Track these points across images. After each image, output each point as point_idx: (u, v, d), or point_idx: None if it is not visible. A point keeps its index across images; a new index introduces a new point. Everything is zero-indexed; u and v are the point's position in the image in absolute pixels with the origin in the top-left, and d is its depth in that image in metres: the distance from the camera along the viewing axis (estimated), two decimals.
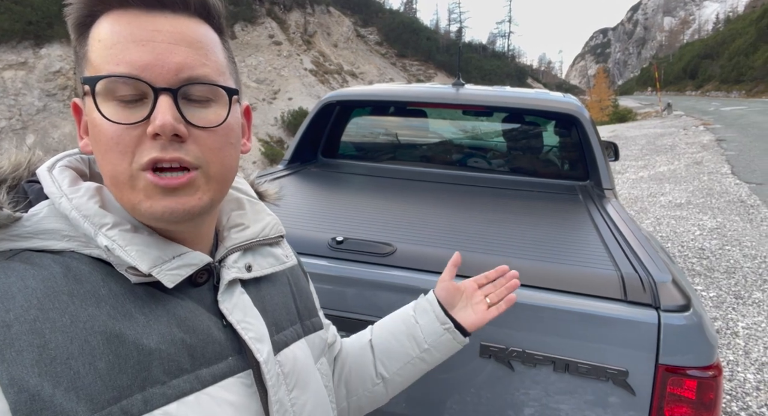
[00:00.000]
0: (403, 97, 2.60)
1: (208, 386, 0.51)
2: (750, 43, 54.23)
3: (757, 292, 4.13)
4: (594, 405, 1.15)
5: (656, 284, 1.16)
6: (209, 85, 0.52)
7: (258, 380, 0.56)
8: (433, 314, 0.87)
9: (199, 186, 0.52)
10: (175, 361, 0.49)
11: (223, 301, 0.56)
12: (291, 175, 2.28)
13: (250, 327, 0.57)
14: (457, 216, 1.75)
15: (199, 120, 0.52)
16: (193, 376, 0.50)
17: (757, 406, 2.71)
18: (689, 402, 1.11)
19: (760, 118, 19.49)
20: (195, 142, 0.51)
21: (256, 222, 0.66)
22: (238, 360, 0.55)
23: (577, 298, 1.16)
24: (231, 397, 0.53)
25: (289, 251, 0.71)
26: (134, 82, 0.49)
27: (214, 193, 0.54)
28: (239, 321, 0.56)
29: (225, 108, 0.54)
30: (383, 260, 1.30)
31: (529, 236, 1.54)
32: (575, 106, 2.37)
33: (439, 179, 2.38)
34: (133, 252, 0.50)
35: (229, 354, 0.55)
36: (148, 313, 0.50)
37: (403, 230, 1.51)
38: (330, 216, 1.67)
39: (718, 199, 7.26)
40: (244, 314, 0.57)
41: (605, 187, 2.22)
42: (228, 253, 0.60)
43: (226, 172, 0.55)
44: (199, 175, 0.52)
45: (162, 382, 0.48)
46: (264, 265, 0.64)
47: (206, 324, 0.54)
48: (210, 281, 0.57)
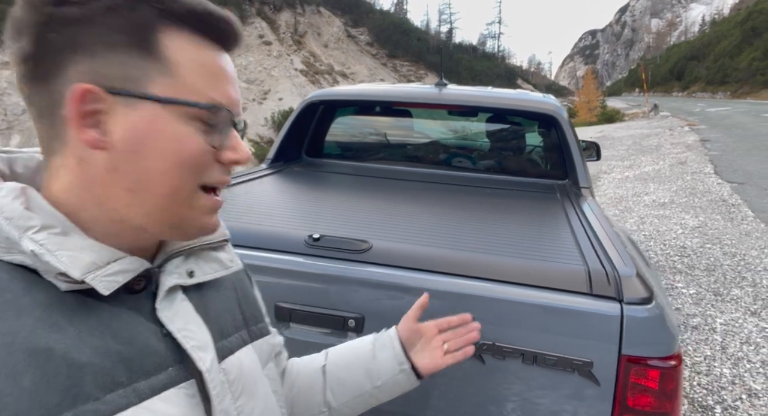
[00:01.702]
0: (387, 97, 2.63)
1: (146, 399, 0.49)
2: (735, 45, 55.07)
3: (735, 289, 4.22)
4: (561, 396, 1.19)
5: (620, 278, 1.20)
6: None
7: (201, 390, 0.54)
8: (393, 352, 0.86)
9: None
10: (110, 375, 0.46)
11: (162, 309, 0.54)
12: (273, 174, 2.30)
13: (191, 336, 0.55)
14: (434, 214, 1.78)
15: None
16: (130, 390, 0.48)
17: (732, 400, 2.78)
18: (652, 392, 1.15)
19: (744, 118, 19.82)
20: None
21: None
22: (179, 370, 0.53)
23: (544, 292, 1.20)
24: (171, 410, 0.50)
25: (234, 255, 0.68)
26: (225, 113, 0.53)
27: None
28: (180, 329, 0.54)
29: None
30: (358, 257, 1.33)
31: (503, 233, 1.57)
32: (553, 106, 2.41)
33: (421, 178, 2.42)
34: (63, 257, 0.47)
35: (169, 365, 0.52)
36: (78, 324, 0.47)
37: (381, 227, 1.54)
38: (309, 214, 1.69)
39: (701, 198, 7.39)
40: (185, 322, 0.55)
41: (582, 185, 2.27)
42: (168, 258, 0.58)
43: None
44: None
45: (95, 398, 0.45)
46: (207, 271, 0.61)
47: (144, 335, 0.51)
48: (148, 288, 0.55)
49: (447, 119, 3.17)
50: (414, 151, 3.04)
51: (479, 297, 1.22)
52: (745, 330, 3.55)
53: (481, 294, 1.22)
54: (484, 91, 2.64)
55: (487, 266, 1.28)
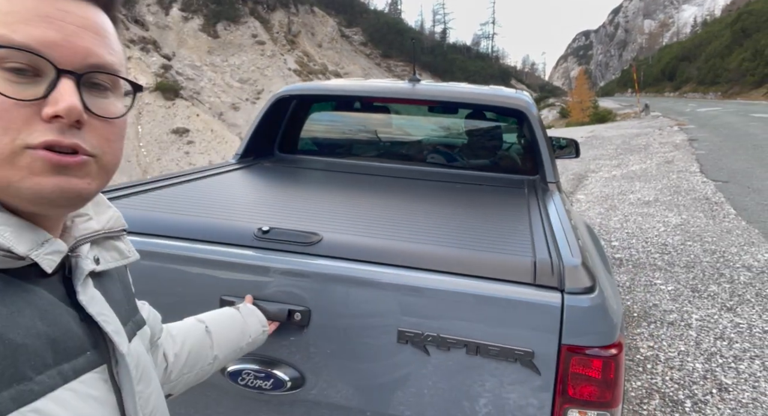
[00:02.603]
0: (360, 92, 2.63)
1: (71, 381, 0.49)
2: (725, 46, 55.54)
3: (713, 286, 4.25)
4: (505, 386, 1.19)
5: (564, 268, 1.20)
6: (114, 76, 0.52)
7: (111, 374, 0.55)
8: (257, 318, 1.18)
9: (90, 172, 0.50)
10: (40, 356, 0.47)
11: (80, 293, 0.53)
12: (240, 169, 2.29)
13: (108, 320, 0.55)
14: (393, 208, 1.78)
15: (98, 109, 0.50)
16: (56, 371, 0.48)
17: (702, 394, 2.80)
18: (593, 381, 1.15)
19: (733, 118, 19.98)
20: (92, 130, 0.50)
21: (99, 214, 0.63)
22: (94, 354, 0.53)
23: (486, 283, 1.20)
24: (93, 392, 0.51)
25: (131, 246, 0.68)
26: (34, 58, 0.46)
27: (100, 182, 0.53)
28: (98, 313, 0.54)
29: (122, 101, 0.54)
30: (308, 249, 1.33)
31: (459, 226, 1.58)
32: (523, 102, 2.42)
33: (394, 174, 2.41)
34: (7, 233, 0.46)
35: (87, 349, 0.52)
36: (10, 305, 0.46)
37: (334, 221, 1.54)
38: (265, 208, 1.69)
39: (685, 196, 7.44)
40: (101, 307, 0.55)
41: (549, 180, 2.28)
42: (78, 244, 0.57)
43: (115, 165, 0.55)
44: (93, 162, 0.50)
45: (29, 378, 0.45)
46: (108, 259, 0.61)
47: (65, 318, 0.51)
48: (60, 272, 0.54)
49: (423, 115, 3.18)
50: (388, 147, 3.04)
51: (424, 289, 1.22)
52: (720, 325, 3.58)
53: (426, 285, 1.22)
54: (455, 87, 2.64)
55: (434, 258, 1.28)
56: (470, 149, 2.93)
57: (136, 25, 36.58)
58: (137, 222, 1.36)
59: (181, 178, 1.97)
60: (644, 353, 3.23)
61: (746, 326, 3.55)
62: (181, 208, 1.55)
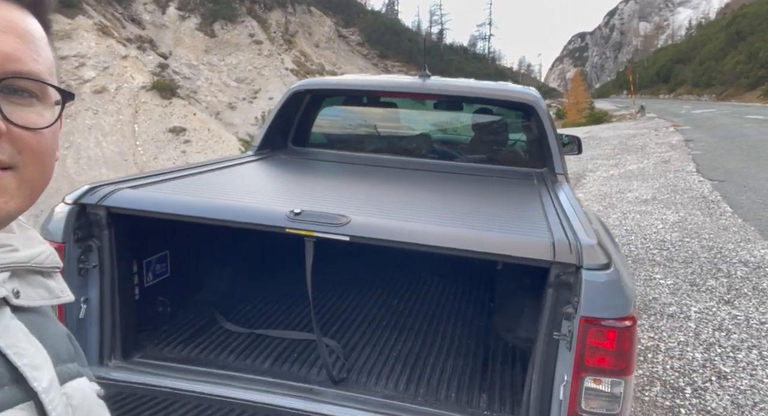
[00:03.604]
0: (372, 86, 2.71)
1: None
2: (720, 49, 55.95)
3: (711, 280, 4.35)
4: None
5: (581, 246, 1.28)
6: (39, 82, 0.48)
7: (41, 412, 0.50)
8: None
9: (8, 187, 0.47)
10: None
11: None
12: (259, 160, 2.36)
13: (23, 353, 0.50)
14: (413, 196, 1.86)
15: (19, 118, 0.46)
16: None
17: (702, 381, 2.89)
18: (608, 352, 1.23)
19: (727, 120, 20.18)
20: (11, 140, 0.46)
21: (28, 248, 0.57)
22: (15, 389, 0.48)
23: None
24: None
25: (65, 286, 0.63)
26: None
27: (22, 201, 0.49)
28: (9, 346, 0.49)
29: (50, 110, 0.50)
30: (338, 230, 1.40)
31: (478, 211, 1.66)
32: (532, 96, 2.51)
33: (404, 166, 2.50)
34: None
35: (5, 383, 0.47)
36: None
37: (359, 205, 1.61)
38: (291, 194, 1.76)
39: (682, 195, 7.56)
40: (15, 339, 0.50)
41: (558, 172, 2.36)
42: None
43: (42, 179, 0.51)
44: (11, 175, 0.47)
45: None
46: (33, 296, 0.56)
47: None
48: None
49: (431, 110, 3.26)
50: (399, 140, 3.12)
51: None
52: (718, 317, 3.67)
53: None
54: (465, 82, 2.73)
55: (460, 238, 1.36)
56: (480, 142, 3.02)
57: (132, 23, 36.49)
58: (181, 205, 1.43)
59: (206, 167, 2.04)
60: (645, 343, 3.32)
61: (744, 318, 3.65)
62: (216, 193, 1.62)
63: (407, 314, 2.18)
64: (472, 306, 2.31)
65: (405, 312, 2.19)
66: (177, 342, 1.76)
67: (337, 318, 2.09)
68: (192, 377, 1.51)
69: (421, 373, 1.70)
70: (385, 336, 1.97)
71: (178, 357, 1.67)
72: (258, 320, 2.01)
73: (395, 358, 1.79)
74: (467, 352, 1.87)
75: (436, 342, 1.94)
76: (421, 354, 1.84)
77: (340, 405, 1.42)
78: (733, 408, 2.65)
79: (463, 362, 1.79)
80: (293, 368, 1.67)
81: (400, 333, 1.99)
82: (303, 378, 1.59)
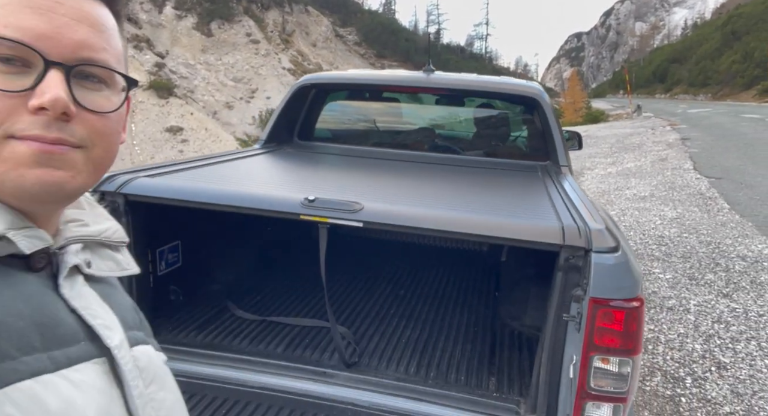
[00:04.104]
0: (377, 81, 2.75)
1: (63, 368, 0.47)
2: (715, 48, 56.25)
3: (709, 274, 4.41)
4: None
5: (590, 230, 1.32)
6: (107, 70, 0.51)
7: (114, 370, 0.53)
8: None
9: (76, 163, 0.49)
10: (25, 337, 0.45)
11: (64, 286, 0.52)
12: (267, 153, 2.40)
13: (96, 314, 0.53)
14: (423, 186, 1.89)
15: (89, 102, 0.49)
16: (45, 356, 0.46)
17: (702, 372, 2.94)
18: (616, 332, 1.27)
19: (723, 119, 20.32)
20: (81, 123, 0.49)
21: (97, 224, 0.62)
22: (91, 346, 0.51)
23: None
24: (92, 382, 0.49)
25: (131, 260, 0.66)
26: (23, 49, 0.46)
27: (87, 177, 0.52)
28: (84, 307, 0.53)
29: (118, 95, 0.53)
30: (353, 216, 1.43)
31: (486, 199, 1.70)
32: (536, 90, 2.55)
33: (410, 159, 2.53)
34: None
35: (81, 339, 0.50)
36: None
37: (371, 194, 1.65)
38: (303, 183, 1.80)
39: (680, 192, 7.62)
40: (88, 302, 0.54)
41: (561, 164, 2.40)
42: (68, 243, 0.56)
43: (107, 159, 0.54)
44: (80, 153, 0.50)
45: (12, 357, 0.43)
46: (103, 267, 0.60)
47: (53, 306, 0.50)
48: (48, 269, 0.53)
49: (435, 104, 3.29)
50: (403, 135, 3.15)
51: None
52: (717, 310, 3.72)
53: None
54: (469, 77, 2.76)
55: (473, 223, 1.39)
56: (483, 136, 3.05)
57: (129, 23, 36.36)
58: (199, 192, 1.47)
59: (216, 159, 2.07)
60: (645, 335, 3.36)
61: (742, 311, 3.70)
62: (229, 183, 1.65)
63: (414, 303, 2.21)
64: (477, 296, 2.35)
65: (412, 301, 2.23)
66: (191, 329, 1.79)
67: (346, 307, 2.12)
68: (207, 361, 1.54)
69: (431, 358, 1.73)
70: (394, 323, 2.00)
71: (192, 342, 1.70)
72: (269, 308, 2.05)
73: (404, 344, 1.82)
74: (474, 339, 1.91)
75: (443, 329, 1.98)
76: (430, 340, 1.87)
77: (354, 387, 1.45)
78: (732, 396, 2.69)
79: (471, 347, 1.83)
80: (305, 353, 1.70)
81: (408, 321, 2.02)
82: (316, 362, 1.62)
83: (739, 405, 2.63)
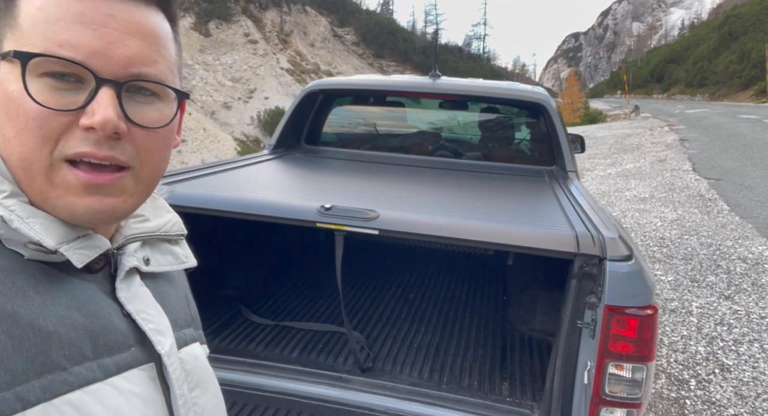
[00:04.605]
0: (384, 86, 2.77)
1: (112, 376, 0.48)
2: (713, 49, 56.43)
3: (711, 276, 4.44)
4: None
5: (604, 239, 1.34)
6: (159, 84, 0.50)
7: (160, 375, 0.54)
8: None
9: (126, 187, 0.50)
10: (77, 346, 0.45)
11: (121, 289, 0.53)
12: (277, 158, 2.41)
13: (150, 319, 0.54)
14: (433, 192, 1.91)
15: (141, 118, 0.49)
16: (95, 364, 0.46)
17: (706, 374, 2.97)
18: (631, 340, 1.29)
19: (721, 119, 20.40)
20: (132, 140, 0.48)
21: (157, 218, 0.62)
22: (140, 351, 0.52)
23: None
24: (137, 389, 0.50)
25: (189, 252, 0.66)
26: (76, 66, 0.45)
27: (139, 197, 0.52)
28: (138, 311, 0.53)
29: (170, 107, 0.52)
30: (369, 224, 1.45)
31: (497, 206, 1.72)
32: (542, 96, 2.57)
33: (415, 164, 2.55)
34: (37, 226, 0.46)
35: (131, 345, 0.51)
36: (44, 293, 0.45)
37: (385, 201, 1.66)
38: (318, 190, 1.81)
39: (680, 193, 7.66)
40: (143, 305, 0.54)
41: (568, 169, 2.43)
42: (127, 242, 0.56)
43: (157, 175, 0.54)
44: (129, 175, 0.49)
45: (63, 368, 0.43)
46: (162, 262, 0.60)
47: (107, 311, 0.50)
48: (106, 269, 0.53)
49: (440, 109, 3.31)
50: (408, 140, 3.17)
51: None
52: (719, 312, 3.76)
53: None
54: (475, 82, 2.78)
55: (487, 232, 1.41)
56: (489, 141, 3.08)
57: None
58: (217, 200, 1.48)
59: (226, 165, 2.09)
60: None
61: (744, 313, 3.74)
62: (243, 190, 1.67)
63: (424, 308, 2.23)
64: (485, 300, 2.37)
65: (422, 306, 2.25)
66: (205, 334, 1.81)
67: (357, 312, 2.14)
68: (223, 366, 1.55)
69: (443, 363, 1.75)
70: (405, 328, 2.02)
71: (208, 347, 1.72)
72: (281, 313, 2.06)
73: (416, 348, 1.85)
74: (485, 343, 1.93)
75: (454, 334, 2.00)
76: (441, 345, 1.89)
77: (370, 392, 1.47)
78: (737, 399, 2.72)
79: (482, 352, 1.85)
80: (320, 357, 1.72)
81: (419, 325, 2.05)
82: (331, 367, 1.64)
83: (743, 407, 2.65)
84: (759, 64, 39.77)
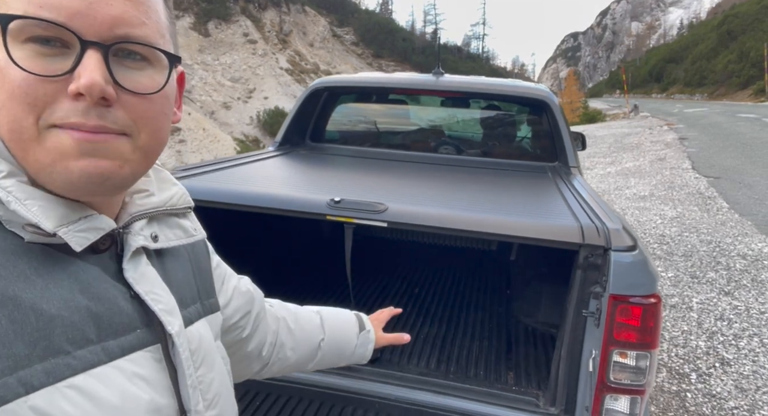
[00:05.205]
0: (388, 84, 2.80)
1: (116, 359, 0.47)
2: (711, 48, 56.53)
3: (710, 272, 4.48)
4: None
5: (609, 230, 1.38)
6: (148, 47, 0.47)
7: (166, 355, 0.53)
8: (365, 351, 1.07)
9: (123, 152, 0.46)
10: (80, 330, 0.44)
11: (128, 270, 0.51)
12: (283, 155, 2.44)
13: (159, 299, 0.53)
14: (438, 187, 1.94)
15: (131, 83, 0.46)
16: (99, 348, 0.45)
17: (706, 367, 3.00)
18: (635, 328, 1.33)
19: (720, 118, 20.45)
20: (124, 107, 0.46)
21: (162, 191, 0.60)
22: (146, 332, 0.51)
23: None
24: (142, 371, 0.49)
25: (197, 225, 0.65)
26: (59, 29, 0.42)
27: (137, 165, 0.49)
28: (147, 292, 0.52)
29: (162, 73, 0.49)
30: (378, 216, 1.48)
31: (503, 200, 1.75)
32: (546, 92, 2.60)
33: (419, 160, 2.58)
34: (34, 208, 0.44)
35: (137, 326, 0.50)
36: (45, 276, 0.44)
37: (393, 195, 1.70)
38: (326, 185, 1.84)
39: (679, 191, 7.70)
40: (151, 285, 0.53)
41: (571, 165, 2.46)
42: (132, 220, 0.54)
43: (157, 144, 0.50)
44: (125, 141, 0.47)
45: (66, 352, 0.43)
46: (170, 237, 0.59)
47: (112, 293, 0.49)
48: (112, 249, 0.52)
49: (443, 107, 3.34)
50: (412, 137, 3.20)
51: None
52: (719, 308, 3.79)
53: None
54: (478, 79, 2.81)
55: (494, 224, 1.44)
56: (492, 137, 3.11)
57: None
58: (226, 193, 1.51)
59: (233, 161, 2.12)
60: None
61: (744, 308, 3.77)
62: (256, 184, 1.70)
63: (429, 302, 2.26)
64: (489, 295, 2.40)
65: (427, 300, 2.28)
66: None
67: (364, 304, 2.17)
68: None
69: (450, 354, 1.79)
70: (411, 321, 2.05)
71: None
72: None
73: (423, 340, 1.88)
74: (490, 335, 1.96)
75: (459, 326, 2.03)
76: (447, 337, 1.92)
77: (378, 381, 1.50)
78: (737, 392, 2.76)
79: (488, 344, 1.88)
80: None
81: (425, 318, 2.08)
82: None
83: (743, 400, 2.69)
84: (758, 64, 39.85)
